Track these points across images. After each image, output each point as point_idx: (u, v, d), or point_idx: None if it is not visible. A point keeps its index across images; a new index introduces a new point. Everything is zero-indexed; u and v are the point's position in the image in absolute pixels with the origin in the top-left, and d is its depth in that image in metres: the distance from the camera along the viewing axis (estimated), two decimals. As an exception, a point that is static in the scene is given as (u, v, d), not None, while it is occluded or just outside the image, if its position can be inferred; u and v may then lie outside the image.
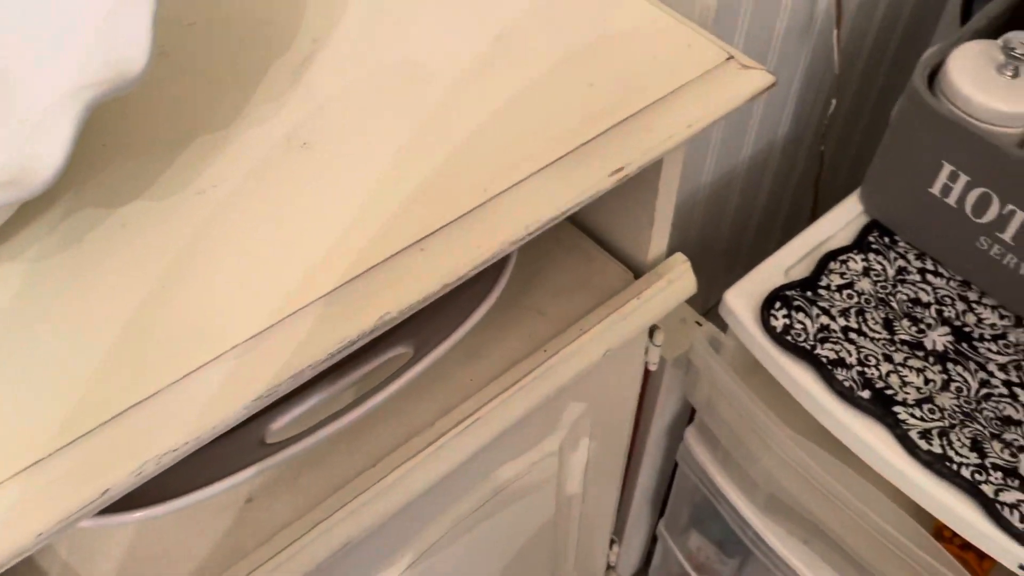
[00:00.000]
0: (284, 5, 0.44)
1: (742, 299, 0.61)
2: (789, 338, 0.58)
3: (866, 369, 0.56)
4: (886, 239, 0.64)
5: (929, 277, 0.62)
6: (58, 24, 0.34)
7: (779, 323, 0.58)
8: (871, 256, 0.63)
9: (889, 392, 0.55)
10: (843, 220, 0.66)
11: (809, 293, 0.60)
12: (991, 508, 0.51)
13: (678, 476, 0.82)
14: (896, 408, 0.55)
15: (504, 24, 0.43)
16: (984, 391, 0.56)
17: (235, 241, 0.34)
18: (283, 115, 0.38)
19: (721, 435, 0.70)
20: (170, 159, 0.37)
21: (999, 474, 0.52)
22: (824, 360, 0.57)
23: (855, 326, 0.59)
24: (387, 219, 0.35)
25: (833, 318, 0.59)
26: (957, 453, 0.52)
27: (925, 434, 0.53)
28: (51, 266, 0.33)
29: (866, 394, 0.55)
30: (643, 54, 0.42)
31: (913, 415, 0.54)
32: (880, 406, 0.55)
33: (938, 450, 0.53)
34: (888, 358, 0.57)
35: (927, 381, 0.56)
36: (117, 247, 0.34)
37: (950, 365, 0.57)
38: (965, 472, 0.52)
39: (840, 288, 0.61)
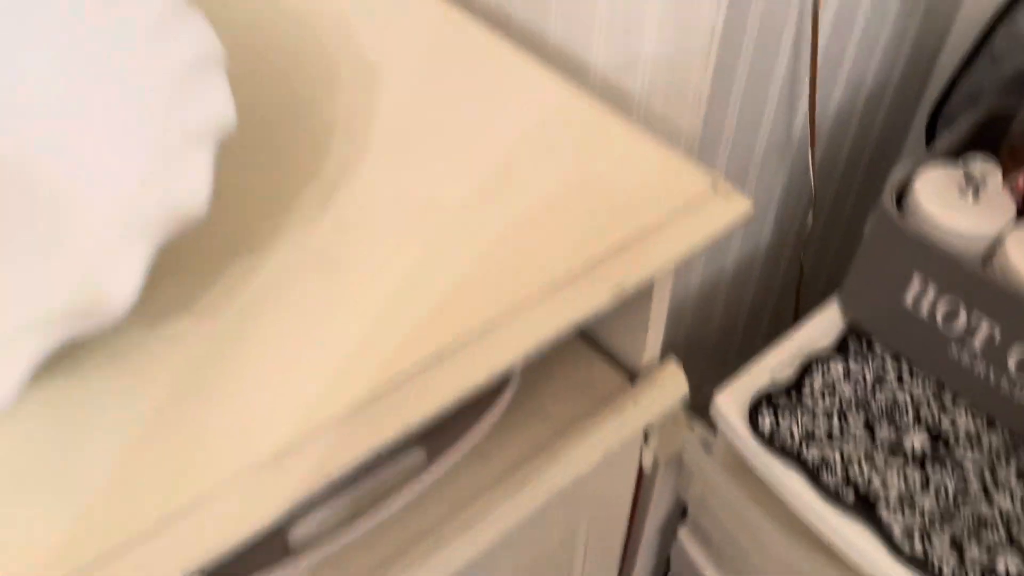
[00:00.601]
0: (308, 133, 0.49)
1: (731, 402, 0.64)
2: (775, 441, 0.61)
3: (849, 470, 0.59)
4: (864, 344, 0.68)
5: (906, 381, 0.65)
6: (117, 156, 0.38)
7: (766, 427, 0.62)
8: (850, 361, 0.67)
9: (872, 493, 0.58)
10: (823, 325, 0.70)
11: (793, 397, 0.64)
12: (973, 607, 0.53)
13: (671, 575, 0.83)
14: (879, 509, 0.57)
15: (511, 155, 0.48)
16: (961, 492, 0.58)
17: (270, 356, 0.37)
18: (314, 239, 0.42)
19: (714, 533, 0.72)
20: (213, 279, 0.40)
21: (978, 573, 0.54)
22: (810, 463, 0.60)
23: (837, 429, 0.62)
24: (408, 336, 0.38)
25: (816, 421, 0.62)
26: (937, 553, 0.55)
27: (907, 534, 0.56)
28: (97, 378, 0.36)
29: (850, 496, 0.58)
30: (636, 182, 0.46)
31: (895, 516, 0.57)
32: (864, 507, 0.57)
33: (919, 549, 0.55)
34: (870, 459, 0.60)
35: (907, 482, 0.59)
36: (159, 360, 0.37)
37: (928, 466, 0.60)
38: (946, 571, 0.54)
39: (822, 392, 0.64)
